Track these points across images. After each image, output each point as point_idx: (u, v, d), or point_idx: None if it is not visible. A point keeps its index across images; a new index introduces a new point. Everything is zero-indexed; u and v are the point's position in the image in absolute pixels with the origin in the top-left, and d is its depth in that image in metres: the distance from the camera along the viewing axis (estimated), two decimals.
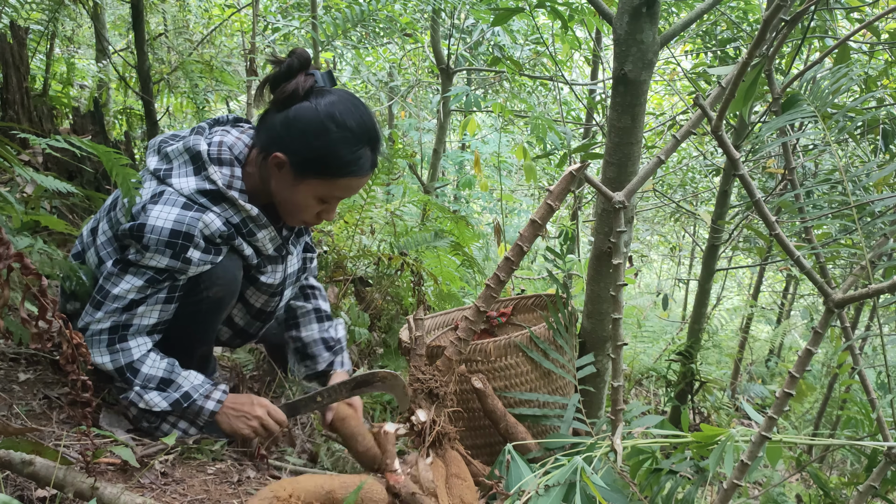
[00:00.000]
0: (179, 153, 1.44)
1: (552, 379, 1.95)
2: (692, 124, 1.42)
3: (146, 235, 1.34)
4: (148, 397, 1.43)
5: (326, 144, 1.40)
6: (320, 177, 1.44)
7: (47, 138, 1.37)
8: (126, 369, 1.41)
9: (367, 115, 1.45)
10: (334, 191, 1.47)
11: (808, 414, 4.52)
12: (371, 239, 3.24)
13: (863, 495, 1.30)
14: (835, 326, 1.89)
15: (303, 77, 1.42)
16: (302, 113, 1.41)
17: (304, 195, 1.47)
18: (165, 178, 1.41)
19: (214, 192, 1.42)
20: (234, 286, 1.54)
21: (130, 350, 1.41)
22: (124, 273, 1.39)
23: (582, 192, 4.12)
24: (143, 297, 1.41)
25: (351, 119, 1.41)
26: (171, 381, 1.45)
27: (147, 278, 1.39)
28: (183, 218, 1.36)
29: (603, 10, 1.91)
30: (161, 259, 1.36)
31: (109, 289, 1.39)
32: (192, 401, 1.46)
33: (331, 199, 1.50)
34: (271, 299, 1.66)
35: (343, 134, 1.40)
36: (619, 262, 1.48)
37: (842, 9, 2.79)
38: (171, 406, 1.44)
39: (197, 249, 1.39)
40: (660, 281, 9.51)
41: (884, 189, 1.89)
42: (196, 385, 1.47)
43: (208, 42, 4.78)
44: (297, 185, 1.45)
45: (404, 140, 5.91)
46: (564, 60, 5.32)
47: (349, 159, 1.42)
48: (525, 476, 1.37)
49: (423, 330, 1.68)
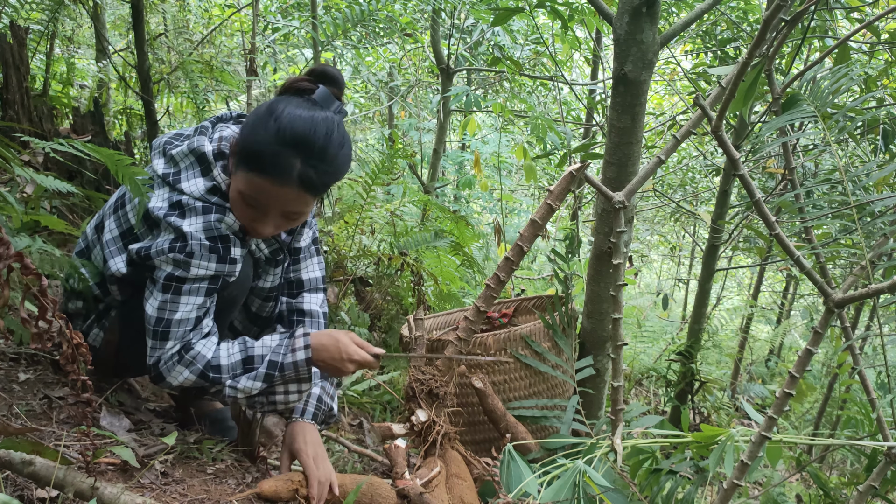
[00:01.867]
0: (185, 155, 1.42)
1: (552, 374, 1.95)
2: (692, 124, 1.42)
3: (189, 243, 1.32)
4: (242, 385, 1.40)
5: (250, 130, 1.33)
6: (239, 166, 1.35)
7: (48, 139, 1.36)
8: (208, 370, 1.38)
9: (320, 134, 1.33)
10: (245, 187, 1.34)
11: (808, 414, 4.52)
12: (371, 239, 3.25)
13: (863, 495, 1.31)
14: (835, 326, 1.89)
15: (304, 81, 1.40)
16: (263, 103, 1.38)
17: (233, 187, 1.38)
18: (175, 184, 1.39)
19: (223, 192, 1.41)
20: (247, 283, 1.53)
21: (201, 353, 1.38)
22: (179, 295, 1.35)
23: (582, 192, 4.12)
24: (205, 312, 1.39)
25: (288, 120, 1.31)
26: (251, 357, 1.41)
27: (204, 291, 1.37)
28: (209, 223, 1.35)
29: (603, 10, 1.91)
30: (209, 265, 1.35)
31: (171, 316, 1.35)
32: (280, 364, 1.40)
33: (248, 199, 1.36)
34: (265, 304, 1.63)
35: (267, 125, 1.31)
36: (619, 262, 1.48)
37: (842, 9, 2.79)
38: (264, 382, 1.40)
39: (236, 247, 1.39)
40: (660, 281, 9.50)
41: (884, 189, 1.89)
42: (275, 348, 1.42)
43: (208, 42, 4.78)
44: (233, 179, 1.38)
45: (404, 140, 5.91)
46: (564, 60, 5.33)
47: (260, 151, 1.31)
48: (525, 476, 1.37)
49: (423, 330, 1.68)
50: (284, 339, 1.44)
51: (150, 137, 2.87)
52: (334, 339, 1.43)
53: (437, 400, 1.52)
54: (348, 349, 1.41)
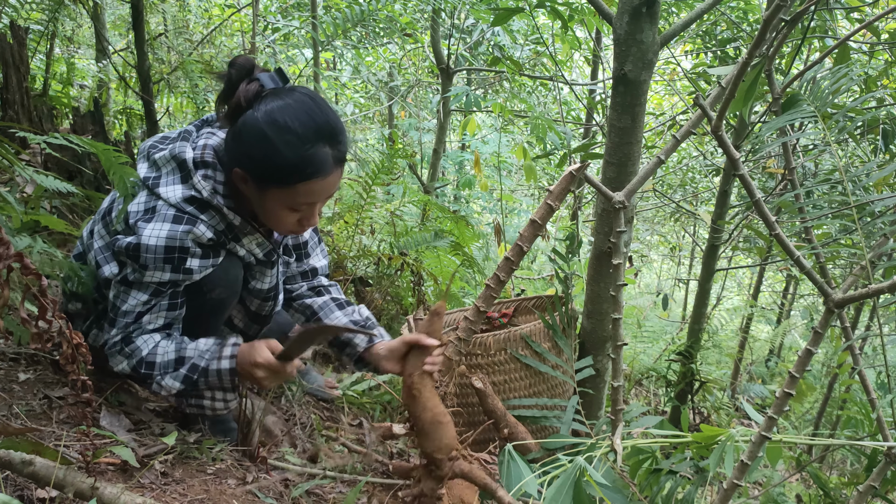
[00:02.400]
0: (167, 160, 1.42)
1: (552, 375, 1.95)
2: (692, 124, 1.42)
3: (142, 255, 1.34)
4: (165, 383, 1.41)
5: (272, 152, 1.33)
6: (278, 186, 1.37)
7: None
8: (140, 365, 1.41)
9: (319, 111, 1.35)
10: (297, 197, 1.38)
11: (808, 414, 4.51)
12: (371, 239, 3.25)
13: (863, 495, 1.31)
14: (835, 326, 1.89)
15: (244, 85, 1.35)
16: (246, 124, 1.34)
17: (273, 206, 1.41)
18: (154, 188, 1.40)
19: (201, 201, 1.40)
20: (236, 286, 1.54)
21: (139, 347, 1.42)
22: (129, 289, 1.40)
23: (582, 192, 4.12)
24: (148, 308, 1.42)
25: (293, 119, 1.32)
26: (182, 358, 1.43)
27: (151, 291, 1.40)
28: (174, 232, 1.35)
29: (603, 10, 1.91)
30: (162, 274, 1.37)
31: (119, 306, 1.41)
32: (202, 369, 1.41)
33: (300, 206, 1.41)
34: (264, 304, 1.65)
35: (286, 137, 1.32)
36: (619, 262, 1.48)
37: (842, 9, 2.79)
38: (182, 383, 1.42)
39: (195, 258, 1.38)
40: (660, 281, 9.50)
41: (884, 189, 1.89)
42: (203, 352, 1.43)
43: (208, 42, 4.78)
44: (263, 198, 1.40)
45: (404, 140, 5.91)
46: (564, 60, 5.32)
47: (298, 163, 1.33)
48: (523, 473, 1.37)
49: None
50: (215, 345, 1.45)
51: (149, 137, 2.87)
52: (250, 345, 1.44)
53: None
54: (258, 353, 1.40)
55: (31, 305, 1.14)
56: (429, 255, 3.04)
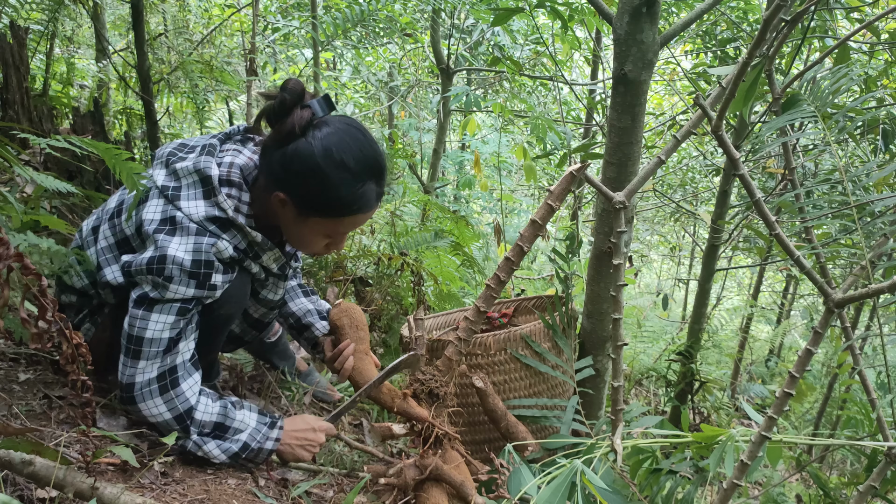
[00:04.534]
0: (189, 173, 1.40)
1: (552, 375, 1.95)
2: (692, 124, 1.42)
3: (168, 267, 1.31)
4: (207, 448, 1.41)
5: (326, 187, 1.36)
6: (323, 216, 1.41)
7: (47, 138, 1.36)
8: (185, 416, 1.38)
9: (369, 146, 1.39)
10: (339, 227, 1.45)
11: (808, 414, 4.51)
12: (371, 239, 3.25)
13: (863, 495, 1.31)
14: (835, 326, 1.89)
15: (298, 112, 1.36)
16: (300, 153, 1.35)
17: (310, 232, 1.45)
18: (174, 200, 1.37)
19: (224, 220, 1.39)
20: (243, 302, 1.55)
21: (185, 395, 1.38)
22: (150, 313, 1.33)
23: (582, 192, 4.12)
24: (179, 333, 1.36)
25: (349, 156, 1.36)
26: (226, 427, 1.43)
27: (177, 311, 1.35)
28: (200, 245, 1.34)
29: (603, 10, 1.91)
30: (187, 290, 1.34)
31: (141, 334, 1.33)
32: (251, 450, 1.46)
33: (337, 235, 1.48)
34: (269, 312, 1.68)
35: (342, 175, 1.35)
36: (620, 262, 1.48)
37: (842, 9, 2.79)
38: (229, 459, 1.43)
39: (218, 273, 1.38)
40: (660, 281, 9.51)
41: (884, 189, 1.89)
42: (252, 431, 1.46)
43: (208, 42, 4.78)
44: (302, 224, 1.44)
45: (404, 140, 5.91)
46: (564, 60, 5.32)
47: (350, 200, 1.38)
48: (525, 477, 1.37)
49: (423, 330, 1.68)
50: (263, 424, 1.49)
51: (150, 137, 2.87)
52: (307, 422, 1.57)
53: (438, 400, 1.52)
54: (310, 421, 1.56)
55: (31, 305, 1.14)
56: (429, 255, 3.04)
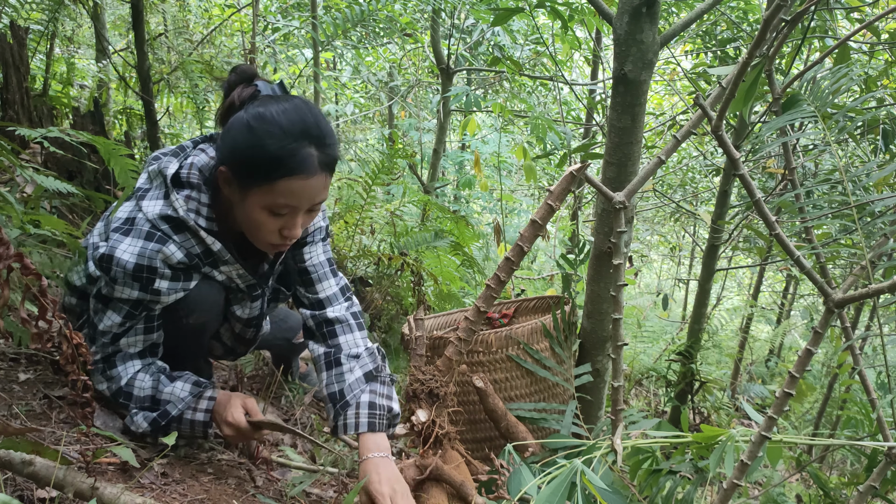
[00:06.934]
0: (156, 174, 1.41)
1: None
2: (692, 124, 1.42)
3: (113, 268, 1.32)
4: (136, 419, 1.41)
5: (254, 145, 1.30)
6: (258, 183, 1.32)
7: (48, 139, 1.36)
8: (119, 394, 1.41)
9: (310, 114, 1.33)
10: (277, 197, 1.32)
11: (808, 414, 4.52)
12: (371, 239, 3.25)
13: (863, 495, 1.31)
14: (835, 326, 1.89)
15: (240, 88, 1.37)
16: (233, 121, 1.34)
17: (252, 209, 1.35)
18: (139, 200, 1.38)
19: (177, 220, 1.36)
20: (216, 310, 1.52)
21: (119, 375, 1.41)
22: (105, 308, 1.38)
23: (582, 192, 4.12)
24: (124, 331, 1.40)
25: (283, 117, 1.30)
26: (157, 399, 1.42)
27: (124, 313, 1.37)
28: (144, 251, 1.32)
29: (603, 10, 1.91)
30: (131, 291, 1.34)
31: (97, 324, 1.39)
32: (173, 417, 1.41)
33: (280, 209, 1.34)
34: (246, 329, 1.63)
35: (269, 129, 1.29)
36: (620, 262, 1.48)
37: (842, 9, 2.79)
38: (150, 426, 1.41)
39: (163, 279, 1.35)
40: (660, 281, 9.51)
41: (884, 189, 1.89)
42: (177, 398, 1.43)
43: (208, 42, 4.78)
44: (245, 201, 1.35)
45: (404, 140, 5.91)
46: (564, 60, 5.33)
47: (279, 155, 1.29)
48: (525, 477, 1.37)
49: (423, 330, 1.68)
50: (191, 394, 1.44)
51: (150, 137, 2.87)
52: (227, 398, 1.44)
53: (438, 400, 1.52)
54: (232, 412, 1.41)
55: (31, 305, 1.14)
56: (429, 255, 3.04)
